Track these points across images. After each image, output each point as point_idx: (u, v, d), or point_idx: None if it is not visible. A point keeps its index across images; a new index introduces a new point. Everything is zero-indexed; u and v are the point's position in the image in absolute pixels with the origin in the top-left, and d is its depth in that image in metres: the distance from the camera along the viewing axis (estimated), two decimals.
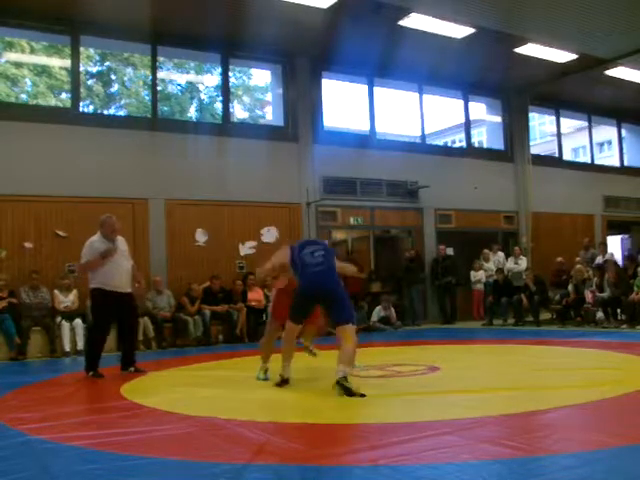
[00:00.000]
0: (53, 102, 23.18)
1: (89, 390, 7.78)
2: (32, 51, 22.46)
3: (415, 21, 13.62)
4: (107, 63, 25.01)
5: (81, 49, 14.52)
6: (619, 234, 22.88)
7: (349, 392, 6.06)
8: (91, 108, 22.79)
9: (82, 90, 15.83)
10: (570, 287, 14.91)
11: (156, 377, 8.50)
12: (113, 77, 25.71)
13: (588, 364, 8.17)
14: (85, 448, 4.48)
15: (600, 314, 14.02)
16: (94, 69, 24.48)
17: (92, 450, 4.43)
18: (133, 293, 8.89)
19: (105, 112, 24.28)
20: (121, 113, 25.02)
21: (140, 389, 7.27)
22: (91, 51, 22.56)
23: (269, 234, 15.13)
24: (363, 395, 6.04)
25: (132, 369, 8.67)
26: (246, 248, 14.83)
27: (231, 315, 13.55)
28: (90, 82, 24.01)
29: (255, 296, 14.08)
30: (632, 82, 18.02)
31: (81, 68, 15.22)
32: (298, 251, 7.00)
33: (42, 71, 23.43)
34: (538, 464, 3.87)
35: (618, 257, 18.82)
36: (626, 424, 4.81)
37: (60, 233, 10.85)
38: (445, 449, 4.13)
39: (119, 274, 8.55)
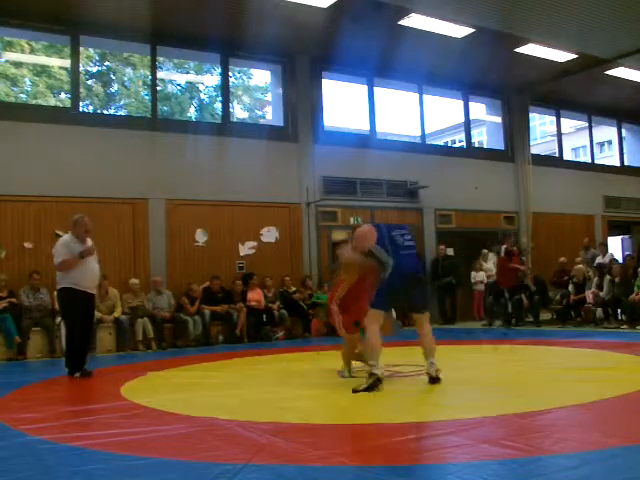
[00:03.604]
0: (53, 102, 23.20)
1: (89, 390, 7.78)
2: (32, 51, 22.48)
3: (415, 21, 13.62)
4: (107, 63, 25.03)
5: (81, 49, 14.54)
6: (619, 234, 22.88)
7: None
8: (91, 108, 22.80)
9: (82, 90, 15.86)
10: (570, 287, 14.92)
11: (156, 378, 8.49)
12: (113, 77, 25.73)
13: (588, 364, 8.16)
14: (85, 448, 4.48)
15: (600, 314, 14.03)
16: (94, 69, 24.52)
17: (92, 450, 4.42)
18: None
19: (105, 112, 24.28)
20: (121, 113, 25.03)
21: (140, 389, 7.26)
22: (91, 51, 22.59)
23: (269, 234, 15.12)
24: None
25: (77, 374, 8.50)
26: (246, 248, 14.82)
27: (231, 315, 13.54)
28: (90, 82, 24.03)
29: (255, 296, 14.07)
30: (632, 82, 18.02)
31: (81, 68, 15.24)
32: (387, 231, 6.78)
33: (42, 71, 23.45)
34: (538, 464, 3.87)
35: (618, 257, 18.82)
36: (626, 424, 4.81)
37: (60, 233, 10.82)
38: (445, 449, 4.14)
39: (90, 275, 8.60)
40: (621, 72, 17.33)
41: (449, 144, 30.16)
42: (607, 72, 17.22)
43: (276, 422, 5.16)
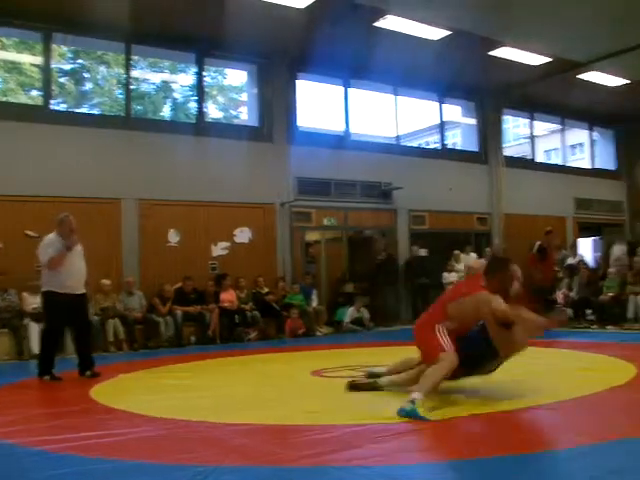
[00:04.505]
0: (24, 99, 22.95)
1: (58, 393, 7.70)
2: (2, 47, 22.21)
3: (391, 22, 13.63)
4: (80, 61, 24.78)
5: (53, 46, 14.39)
6: (590, 236, 23.08)
7: None
8: (63, 106, 22.55)
9: (54, 88, 15.66)
10: None
11: (127, 379, 8.43)
12: (86, 75, 25.49)
13: (558, 364, 8.23)
14: (55, 452, 4.44)
15: (570, 314, 14.17)
16: (67, 67, 24.25)
17: (63, 454, 4.39)
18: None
19: (77, 110, 24.05)
20: (94, 112, 24.80)
21: (110, 392, 7.20)
22: (63, 48, 22.37)
23: (242, 235, 15.07)
24: None
25: (89, 373, 8.52)
26: (219, 249, 14.76)
27: (203, 316, 13.47)
28: (62, 80, 23.79)
29: (228, 297, 14.01)
30: (605, 86, 18.20)
31: (53, 65, 15.07)
32: None
33: (13, 68, 23.17)
34: (511, 463, 3.90)
35: (589, 259, 19.02)
36: (596, 423, 4.85)
37: (30, 233, 10.66)
38: (419, 449, 4.15)
39: (74, 275, 8.47)
40: (594, 76, 17.50)
41: (424, 145, 30.18)
42: (580, 76, 17.38)
43: (249, 423, 5.15)
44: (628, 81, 17.96)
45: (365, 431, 4.77)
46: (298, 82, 16.57)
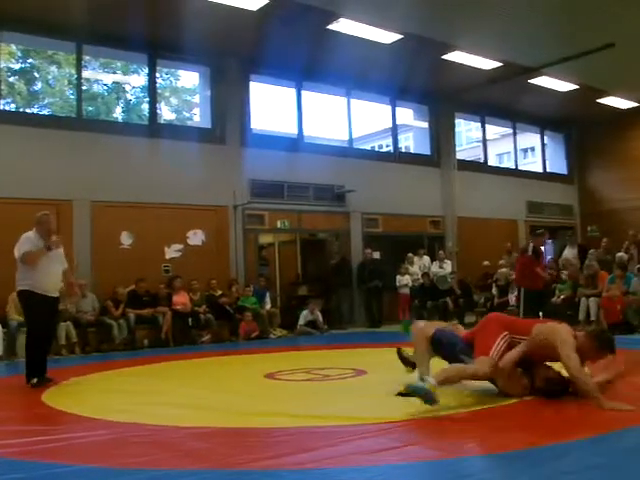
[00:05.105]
0: None
1: (9, 397, 7.53)
2: None
3: (343, 26, 13.69)
4: (30, 60, 24.45)
5: (2, 45, 14.17)
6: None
7: None
8: (13, 106, 22.23)
9: (3, 87, 15.43)
10: (494, 290, 15.19)
11: (79, 383, 8.31)
12: (36, 75, 25.15)
13: None
14: (6, 457, 4.37)
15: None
16: (16, 66, 23.90)
17: (13, 460, 4.32)
18: (61, 298, 8.64)
19: (28, 111, 23.73)
20: (45, 112, 24.49)
21: (63, 395, 7.09)
22: (13, 47, 22.04)
23: (195, 237, 14.99)
24: None
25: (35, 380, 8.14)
26: (172, 251, 14.66)
27: (157, 319, 13.37)
28: (12, 79, 23.44)
29: (181, 299, 13.92)
30: (555, 91, 18.50)
31: (2, 64, 14.85)
32: None
33: None
34: (464, 465, 3.93)
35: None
36: (546, 424, 4.90)
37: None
38: (372, 451, 4.16)
39: (50, 277, 8.14)
40: (544, 81, 17.79)
41: (376, 149, 30.34)
42: (531, 81, 17.64)
43: (203, 427, 5.12)
44: (577, 86, 18.27)
45: (321, 433, 4.77)
46: (251, 84, 16.53)
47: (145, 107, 18.26)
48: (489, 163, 22.39)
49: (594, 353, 5.59)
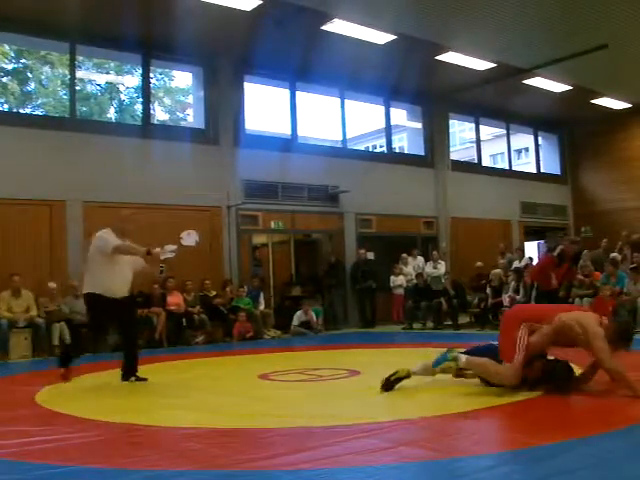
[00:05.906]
0: None
1: (2, 398, 7.52)
2: None
3: (337, 26, 13.69)
4: (23, 60, 24.41)
5: None
6: (536, 240, 23.44)
7: None
8: (6, 107, 22.18)
9: None
10: (488, 291, 15.21)
11: (73, 383, 8.28)
12: (30, 75, 25.11)
13: None
14: (1, 458, 4.34)
15: None
16: (9, 66, 23.86)
17: (7, 460, 4.29)
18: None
19: (21, 111, 23.69)
20: (38, 112, 24.45)
21: (56, 396, 7.08)
22: (6, 47, 22.00)
23: (189, 238, 14.85)
24: None
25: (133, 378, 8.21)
26: (166, 252, 14.59)
27: (150, 319, 13.35)
28: (5, 80, 23.40)
29: (174, 300, 13.90)
30: (548, 91, 18.53)
31: None
32: None
33: None
34: (458, 465, 3.92)
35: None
36: (541, 424, 4.90)
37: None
38: (365, 452, 4.16)
39: (119, 279, 8.28)
40: (538, 82, 17.81)
41: (370, 149, 30.35)
42: (525, 82, 17.67)
43: (197, 427, 5.11)
44: (571, 87, 18.31)
45: (315, 434, 4.77)
46: (245, 85, 16.51)
47: (138, 107, 18.26)
48: (483, 164, 22.40)
49: (613, 343, 5.67)
